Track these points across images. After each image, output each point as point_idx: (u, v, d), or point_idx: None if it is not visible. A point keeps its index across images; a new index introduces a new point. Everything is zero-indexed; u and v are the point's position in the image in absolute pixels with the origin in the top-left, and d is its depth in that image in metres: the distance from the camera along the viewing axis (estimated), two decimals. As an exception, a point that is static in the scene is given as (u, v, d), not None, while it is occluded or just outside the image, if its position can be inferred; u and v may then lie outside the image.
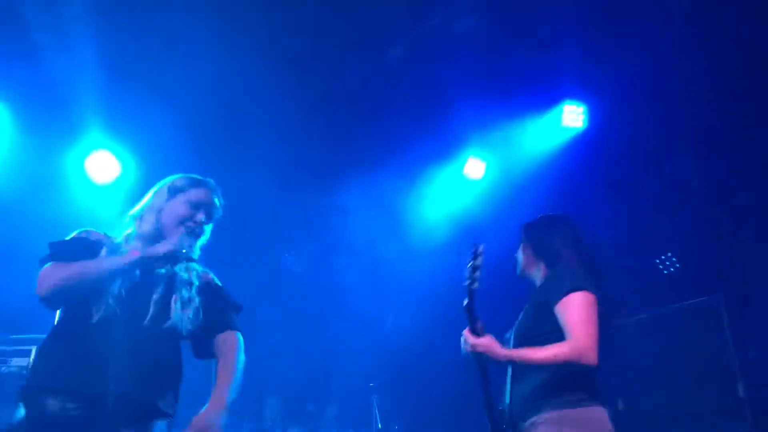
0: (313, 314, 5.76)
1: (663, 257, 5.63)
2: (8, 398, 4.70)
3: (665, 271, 5.54)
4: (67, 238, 2.49)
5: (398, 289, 5.99)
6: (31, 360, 4.84)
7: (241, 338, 2.56)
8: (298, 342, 5.78)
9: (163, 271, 2.46)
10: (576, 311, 2.44)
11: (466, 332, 2.60)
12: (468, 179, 6.36)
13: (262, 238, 5.98)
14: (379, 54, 5.51)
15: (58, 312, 2.42)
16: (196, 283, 2.55)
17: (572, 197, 6.05)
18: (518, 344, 2.62)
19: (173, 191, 2.58)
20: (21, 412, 2.26)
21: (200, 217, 2.54)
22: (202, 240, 2.61)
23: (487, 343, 2.53)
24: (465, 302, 2.67)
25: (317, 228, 6.12)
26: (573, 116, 6.08)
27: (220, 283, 2.68)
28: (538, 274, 2.80)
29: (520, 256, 2.90)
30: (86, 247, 2.43)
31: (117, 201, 5.89)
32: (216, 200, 2.64)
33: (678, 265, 5.71)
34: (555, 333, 2.48)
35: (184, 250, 2.40)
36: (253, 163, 5.88)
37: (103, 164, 5.79)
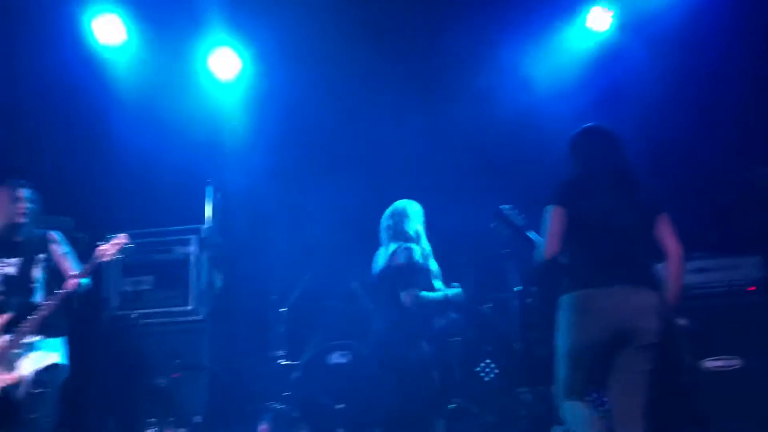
0: (446, 183, 5.88)
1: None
2: (174, 282, 5.35)
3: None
4: None
5: (527, 146, 5.85)
6: (193, 247, 5.43)
7: None
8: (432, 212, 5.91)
9: None
10: (544, 221, 3.08)
11: None
12: (592, 32, 5.92)
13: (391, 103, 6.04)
14: None
15: None
16: None
17: (720, 49, 5.47)
18: None
19: None
20: None
21: None
22: None
23: None
24: None
25: (439, 94, 6.06)
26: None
27: None
28: None
29: None
30: None
31: (238, 96, 6.18)
32: None
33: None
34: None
35: None
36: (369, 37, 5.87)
37: (225, 61, 6.02)
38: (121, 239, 3.74)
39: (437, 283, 4.38)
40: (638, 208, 3.06)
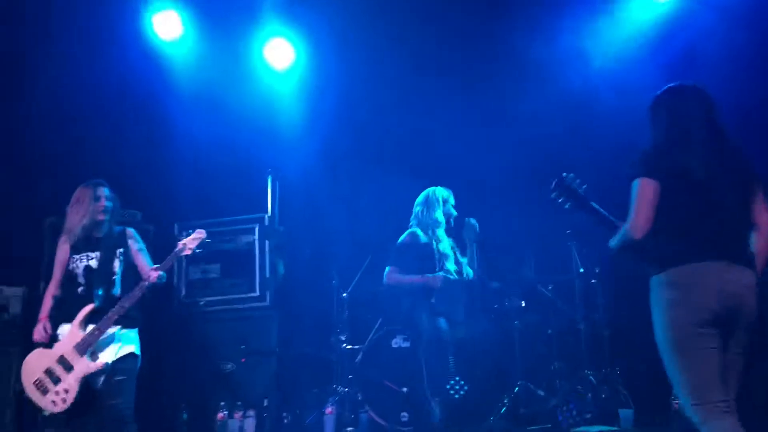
0: (504, 165, 5.80)
1: None
2: (240, 270, 5.48)
3: None
4: None
5: (588, 126, 5.71)
6: (256, 236, 5.54)
7: None
8: (490, 191, 5.84)
9: None
10: (632, 196, 2.78)
11: None
12: (654, 2, 5.67)
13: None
14: None
15: None
16: None
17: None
18: None
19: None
20: None
21: None
22: None
23: None
24: None
25: (495, 80, 5.95)
26: None
27: None
28: None
29: None
30: None
31: (292, 86, 6.25)
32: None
33: None
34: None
35: None
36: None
37: (280, 51, 6.08)
38: (200, 234, 3.89)
39: (450, 266, 4.44)
40: (735, 175, 2.78)
